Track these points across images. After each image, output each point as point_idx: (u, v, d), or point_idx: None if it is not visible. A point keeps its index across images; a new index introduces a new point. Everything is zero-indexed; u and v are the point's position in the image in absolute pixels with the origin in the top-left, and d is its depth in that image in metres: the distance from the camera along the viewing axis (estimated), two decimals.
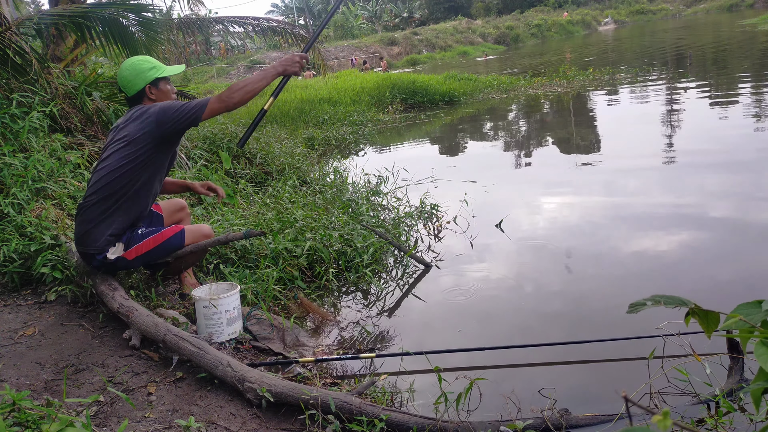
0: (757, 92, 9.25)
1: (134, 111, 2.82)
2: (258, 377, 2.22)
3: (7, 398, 1.84)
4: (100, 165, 2.81)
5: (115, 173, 2.73)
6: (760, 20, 24.06)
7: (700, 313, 1.04)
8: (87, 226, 2.76)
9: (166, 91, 2.92)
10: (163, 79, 2.91)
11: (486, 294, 3.47)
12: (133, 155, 2.73)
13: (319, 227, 3.95)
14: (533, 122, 9.84)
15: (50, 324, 2.83)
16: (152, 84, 2.87)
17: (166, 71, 2.91)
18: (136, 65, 2.86)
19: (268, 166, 6.03)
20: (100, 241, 2.76)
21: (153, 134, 2.72)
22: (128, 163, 2.73)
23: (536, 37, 43.57)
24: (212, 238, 3.00)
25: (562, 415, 2.09)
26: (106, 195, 2.74)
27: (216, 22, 7.89)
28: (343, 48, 36.16)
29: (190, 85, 19.48)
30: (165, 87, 2.92)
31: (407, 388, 2.43)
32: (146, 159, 2.76)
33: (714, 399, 2.09)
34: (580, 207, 4.92)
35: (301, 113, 10.92)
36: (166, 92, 2.92)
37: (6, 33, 4.36)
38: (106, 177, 2.74)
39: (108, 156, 2.78)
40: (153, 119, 2.70)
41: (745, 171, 5.12)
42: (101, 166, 2.78)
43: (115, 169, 2.73)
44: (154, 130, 2.71)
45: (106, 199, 2.75)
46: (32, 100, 4.35)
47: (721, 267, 3.45)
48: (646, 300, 1.12)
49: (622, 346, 2.61)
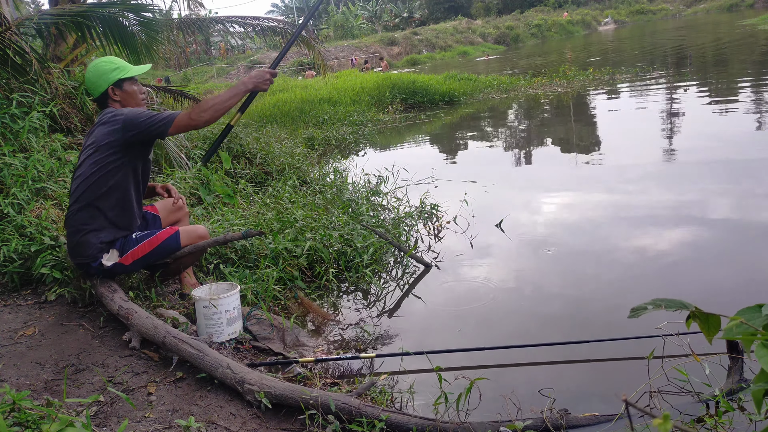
0: (757, 92, 9.26)
1: (103, 115, 2.79)
2: (258, 379, 2.22)
3: (7, 398, 1.84)
4: (75, 173, 2.80)
5: (88, 181, 2.72)
6: (760, 20, 24.05)
7: (701, 316, 1.04)
8: (76, 236, 2.76)
9: (132, 92, 2.86)
10: (128, 79, 2.85)
11: (486, 294, 3.47)
12: (102, 161, 2.70)
13: (319, 227, 3.95)
14: (533, 122, 9.84)
15: (50, 324, 2.83)
16: (115, 85, 2.82)
17: (130, 71, 2.86)
18: (99, 66, 2.82)
19: (268, 166, 6.03)
20: (92, 249, 2.76)
21: (119, 140, 2.68)
22: (99, 170, 2.71)
23: (536, 37, 43.56)
24: (211, 239, 3.01)
25: (562, 415, 2.09)
26: (85, 204, 2.74)
27: (216, 22, 7.88)
28: (343, 48, 36.15)
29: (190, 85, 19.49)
30: (130, 88, 2.86)
31: (407, 389, 2.43)
32: (116, 165, 2.72)
33: (714, 399, 2.09)
34: (580, 207, 4.92)
35: (301, 113, 10.91)
36: (131, 93, 2.86)
37: (6, 33, 4.36)
38: (82, 185, 2.73)
39: (81, 163, 2.77)
40: (119, 126, 2.67)
41: (745, 170, 5.12)
42: (76, 174, 2.78)
43: (87, 177, 2.72)
44: (120, 136, 2.67)
45: (87, 207, 2.74)
46: (32, 100, 4.35)
47: (722, 267, 3.45)
48: (647, 304, 1.12)
49: (622, 346, 2.62)
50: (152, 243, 2.85)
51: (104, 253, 2.80)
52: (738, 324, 0.94)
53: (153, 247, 2.84)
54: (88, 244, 2.76)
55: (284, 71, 29.09)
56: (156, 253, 2.86)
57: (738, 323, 0.94)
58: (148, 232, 2.89)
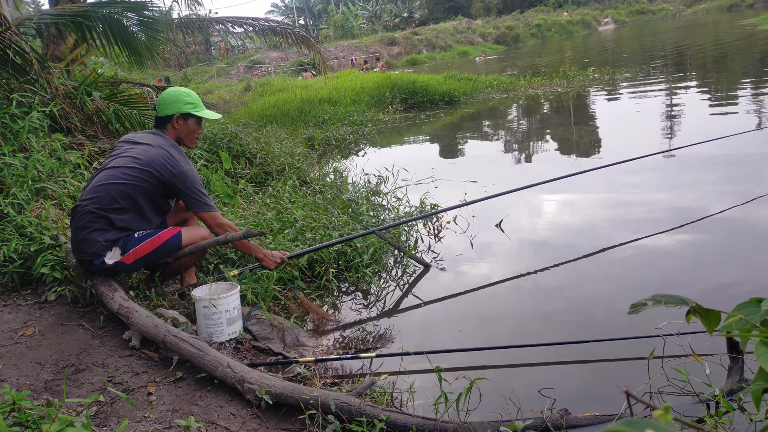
0: (757, 92, 9.26)
1: (157, 136, 2.95)
2: (258, 378, 2.22)
3: (7, 398, 1.84)
4: (103, 172, 2.85)
5: (115, 187, 2.78)
6: (760, 20, 24.05)
7: (701, 312, 1.04)
8: (82, 232, 2.78)
9: (192, 130, 3.04)
10: (194, 117, 3.02)
11: (486, 293, 3.47)
12: (136, 180, 2.81)
13: (319, 227, 3.95)
14: (533, 122, 9.84)
15: (50, 324, 2.83)
16: (182, 115, 2.99)
17: (201, 112, 3.03)
18: (177, 94, 3.02)
19: (268, 166, 6.03)
20: (96, 247, 2.78)
21: (160, 179, 2.83)
22: (130, 184, 2.80)
23: (536, 37, 43.55)
24: (212, 239, 3.01)
25: (562, 416, 2.09)
26: (103, 206, 2.77)
27: (216, 22, 7.89)
28: (343, 48, 36.13)
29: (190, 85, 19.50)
30: (193, 125, 3.03)
31: (407, 388, 2.43)
32: (147, 190, 2.84)
33: (714, 399, 2.09)
34: (580, 206, 4.92)
35: (301, 113, 10.91)
36: (191, 129, 3.04)
37: (6, 33, 4.36)
38: (105, 187, 2.78)
39: (114, 167, 2.83)
40: (171, 173, 2.83)
41: (745, 170, 5.12)
42: (105, 174, 2.83)
43: (116, 183, 2.79)
44: (164, 178, 2.83)
45: (103, 209, 2.77)
46: (32, 100, 4.35)
47: (722, 268, 3.45)
48: (647, 300, 1.12)
49: (622, 346, 2.61)
50: (154, 243, 2.85)
51: (107, 251, 2.80)
52: (737, 320, 0.94)
53: (155, 246, 2.85)
54: (93, 242, 2.76)
55: (284, 71, 29.09)
56: (157, 253, 2.87)
57: (737, 319, 0.94)
58: (150, 232, 2.90)
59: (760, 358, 0.89)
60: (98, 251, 2.78)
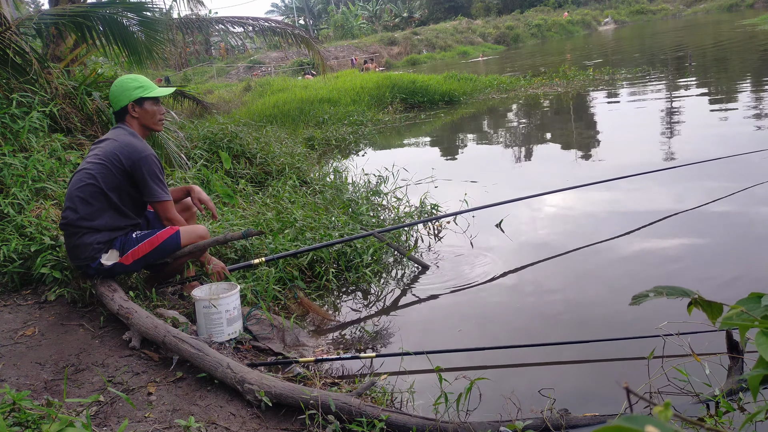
0: (757, 92, 9.26)
1: (117, 129, 2.92)
2: (258, 378, 2.22)
3: (7, 398, 1.84)
4: (73, 178, 2.87)
5: (85, 189, 2.78)
6: (760, 20, 24.04)
7: (703, 303, 1.04)
8: (73, 239, 2.81)
9: (152, 112, 2.97)
10: (149, 99, 2.95)
11: (486, 294, 3.47)
12: (101, 176, 2.79)
13: (319, 227, 3.95)
14: (533, 122, 9.84)
15: (50, 324, 2.83)
16: (136, 102, 2.92)
17: (153, 92, 2.95)
18: (123, 83, 2.94)
19: (268, 166, 6.03)
20: (90, 250, 2.79)
21: (121, 169, 2.81)
22: (96, 183, 2.79)
23: (536, 37, 43.55)
24: (211, 238, 3.01)
25: (562, 416, 2.09)
26: (81, 213, 2.78)
27: (216, 22, 7.88)
28: (343, 48, 36.12)
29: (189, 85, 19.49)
30: (151, 108, 2.96)
31: (407, 389, 2.43)
32: (115, 185, 2.82)
33: (714, 399, 2.09)
34: (580, 206, 4.92)
35: (301, 113, 10.91)
36: (151, 113, 2.97)
37: (6, 33, 4.36)
38: (76, 192, 2.79)
39: (80, 171, 2.84)
40: (130, 158, 2.80)
41: (745, 170, 5.12)
42: (74, 180, 2.84)
43: (85, 185, 2.79)
44: (124, 166, 2.80)
45: (82, 217, 2.78)
46: (32, 100, 4.34)
47: (722, 268, 3.45)
48: (648, 291, 1.11)
49: (622, 346, 2.61)
50: (152, 243, 2.85)
51: (103, 252, 2.81)
52: (738, 312, 0.94)
53: (153, 246, 2.85)
54: (85, 246, 2.78)
55: (284, 72, 29.07)
56: (156, 253, 2.87)
57: (738, 312, 0.94)
58: (148, 232, 2.90)
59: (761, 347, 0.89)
60: (92, 254, 2.79)
